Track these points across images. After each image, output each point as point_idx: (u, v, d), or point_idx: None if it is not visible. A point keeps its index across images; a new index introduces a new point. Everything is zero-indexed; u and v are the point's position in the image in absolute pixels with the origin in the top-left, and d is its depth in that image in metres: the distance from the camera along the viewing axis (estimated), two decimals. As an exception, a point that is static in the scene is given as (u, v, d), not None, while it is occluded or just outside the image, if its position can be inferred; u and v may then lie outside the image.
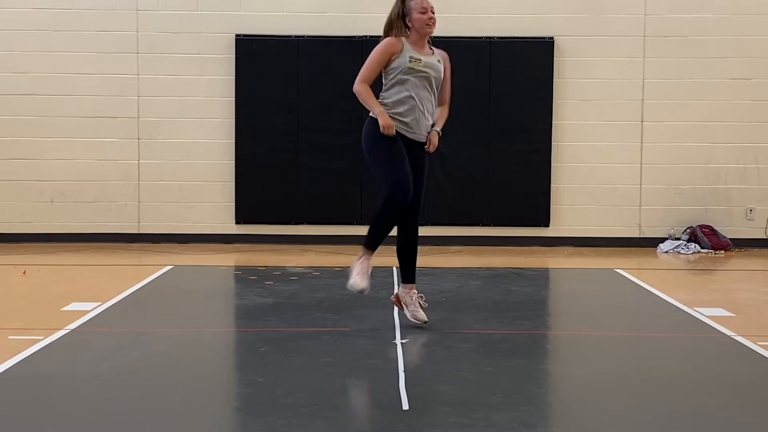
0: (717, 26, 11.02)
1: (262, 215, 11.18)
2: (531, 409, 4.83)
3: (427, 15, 6.45)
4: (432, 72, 6.40)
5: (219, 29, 11.03)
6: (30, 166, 11.06)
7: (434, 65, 6.43)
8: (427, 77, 6.38)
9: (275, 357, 5.76)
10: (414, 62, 6.32)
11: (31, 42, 10.96)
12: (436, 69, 6.43)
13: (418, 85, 6.35)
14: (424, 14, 6.43)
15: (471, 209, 11.14)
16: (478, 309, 7.30)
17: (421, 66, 6.34)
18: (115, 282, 8.41)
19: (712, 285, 9.16)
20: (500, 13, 11.05)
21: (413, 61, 6.33)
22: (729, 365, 5.85)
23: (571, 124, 11.12)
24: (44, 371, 5.46)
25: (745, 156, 11.12)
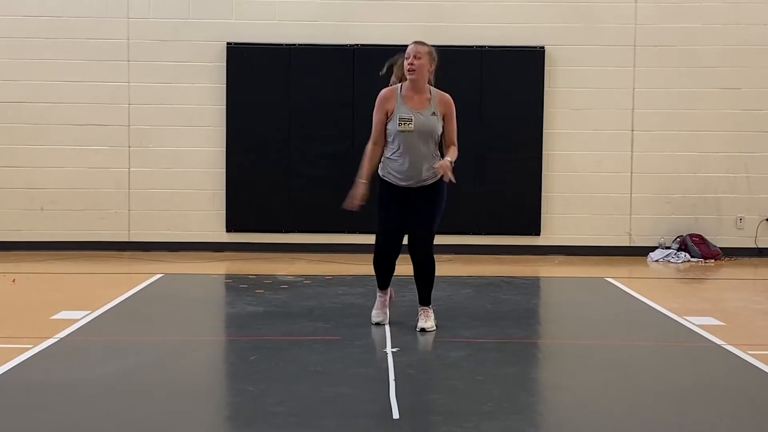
0: (707, 36, 11.07)
1: (252, 223, 11.17)
2: (522, 417, 4.83)
3: (408, 61, 6.50)
4: (423, 129, 6.52)
5: (210, 37, 11.03)
6: (20, 174, 11.03)
7: (425, 122, 6.52)
8: (421, 132, 6.52)
9: (266, 365, 5.75)
10: (404, 125, 6.50)
11: (22, 50, 10.94)
12: (428, 125, 6.53)
13: (410, 141, 6.53)
14: (407, 60, 6.51)
15: (462, 218, 11.14)
16: (468, 318, 7.30)
17: (411, 127, 6.49)
18: (105, 290, 8.39)
19: (702, 294, 9.18)
20: (491, 22, 11.08)
21: (402, 124, 6.50)
22: (718, 374, 5.86)
23: (561, 133, 11.14)
24: (33, 380, 5.44)
25: (735, 165, 11.16)
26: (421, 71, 6.50)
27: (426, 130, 6.53)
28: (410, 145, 6.53)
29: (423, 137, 6.54)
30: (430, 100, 6.57)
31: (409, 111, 6.52)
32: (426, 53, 6.54)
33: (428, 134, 6.55)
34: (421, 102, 6.55)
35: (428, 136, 6.56)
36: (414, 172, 6.56)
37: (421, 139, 6.53)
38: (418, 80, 6.53)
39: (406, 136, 6.51)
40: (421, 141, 6.54)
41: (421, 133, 6.53)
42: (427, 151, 6.58)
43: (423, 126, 6.51)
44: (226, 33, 11.02)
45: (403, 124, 6.48)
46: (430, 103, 6.57)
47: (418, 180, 6.59)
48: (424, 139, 6.54)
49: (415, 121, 6.49)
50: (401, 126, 6.48)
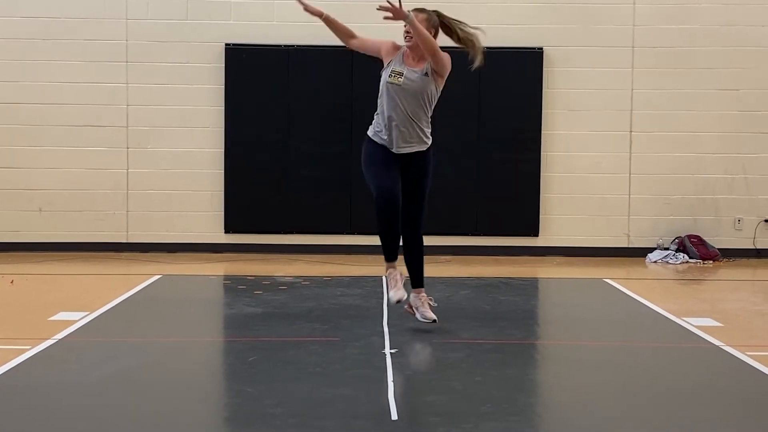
0: (705, 37, 11.07)
1: (251, 224, 11.17)
2: (520, 418, 4.83)
3: (405, 28, 6.51)
4: (412, 85, 6.46)
5: (209, 38, 11.02)
6: (18, 175, 11.02)
7: (415, 79, 6.48)
8: (406, 90, 6.46)
9: (264, 366, 5.75)
10: (393, 77, 6.49)
11: (20, 51, 10.93)
12: (417, 82, 6.48)
13: (394, 98, 6.48)
14: (404, 26, 6.51)
15: (460, 219, 11.14)
16: (467, 318, 7.29)
17: (399, 80, 6.46)
18: (104, 291, 8.38)
19: (701, 295, 9.18)
20: (490, 23, 11.02)
21: (392, 75, 6.49)
22: (717, 375, 5.86)
23: (560, 134, 11.14)
24: (32, 381, 5.44)
25: (734, 166, 11.16)
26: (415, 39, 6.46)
27: (414, 87, 6.46)
28: (396, 101, 6.46)
29: (411, 96, 6.47)
30: (427, 62, 6.53)
31: (403, 66, 6.52)
32: (424, 19, 6.54)
33: (416, 93, 6.47)
34: (418, 63, 6.55)
35: (416, 96, 6.48)
36: (403, 136, 6.47)
37: (408, 96, 6.46)
38: (414, 47, 6.50)
39: (394, 89, 6.47)
40: (409, 99, 6.47)
41: (409, 90, 6.46)
42: (415, 114, 6.48)
43: (412, 82, 6.47)
44: (224, 34, 11.02)
45: (393, 75, 6.47)
46: (425, 65, 6.53)
47: (407, 146, 6.49)
48: (411, 98, 6.47)
49: (405, 75, 6.47)
50: (391, 78, 6.47)
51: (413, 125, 6.52)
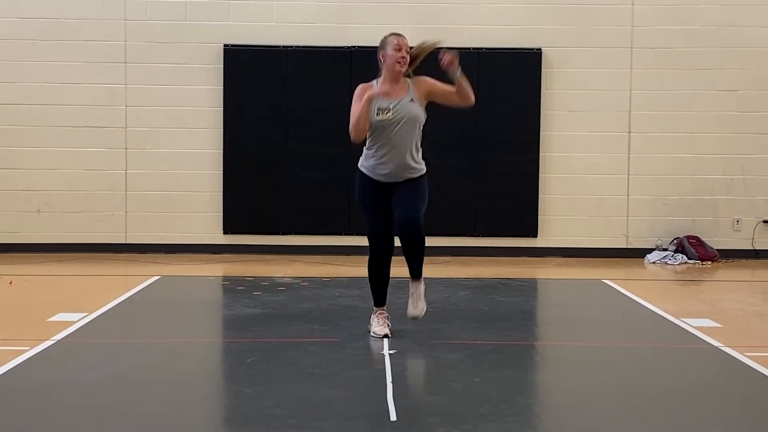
0: (704, 38, 11.08)
1: (250, 225, 11.17)
2: (519, 419, 4.83)
3: (399, 54, 6.36)
4: (402, 116, 6.35)
5: (207, 39, 11.02)
6: (17, 176, 11.01)
7: (403, 108, 6.36)
8: (400, 122, 6.36)
9: (263, 367, 5.75)
10: (382, 114, 6.33)
11: (19, 51, 10.93)
12: (408, 110, 6.37)
13: (389, 131, 6.35)
14: (397, 52, 6.36)
15: (459, 220, 11.15)
16: (466, 319, 7.30)
17: (389, 116, 6.33)
18: (102, 292, 8.38)
19: (699, 296, 9.19)
20: (488, 24, 11.08)
21: (380, 113, 6.34)
22: (715, 375, 5.87)
23: (558, 135, 11.14)
24: (30, 382, 5.43)
25: (732, 167, 11.17)
26: (406, 64, 6.40)
27: (405, 117, 6.36)
28: (389, 135, 6.35)
29: (402, 127, 6.36)
30: (408, 88, 6.45)
31: (387, 101, 6.37)
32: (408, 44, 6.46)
33: (408, 122, 6.37)
34: (398, 91, 6.42)
35: (408, 125, 6.38)
36: (395, 165, 6.38)
37: (400, 128, 6.36)
38: (398, 74, 6.40)
39: (385, 125, 6.35)
40: (401, 130, 6.36)
41: (400, 122, 6.36)
42: (409, 143, 6.38)
43: (401, 113, 6.35)
44: (223, 35, 11.02)
45: (380, 113, 6.33)
46: (408, 91, 6.44)
47: (400, 176, 6.41)
48: (404, 128, 6.37)
49: (393, 109, 6.34)
50: (379, 115, 6.32)
51: (409, 157, 6.41)
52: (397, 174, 6.42)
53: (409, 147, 6.40)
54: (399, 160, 6.38)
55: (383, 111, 6.34)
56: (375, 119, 6.34)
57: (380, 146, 6.39)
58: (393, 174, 6.42)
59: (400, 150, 6.37)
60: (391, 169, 6.40)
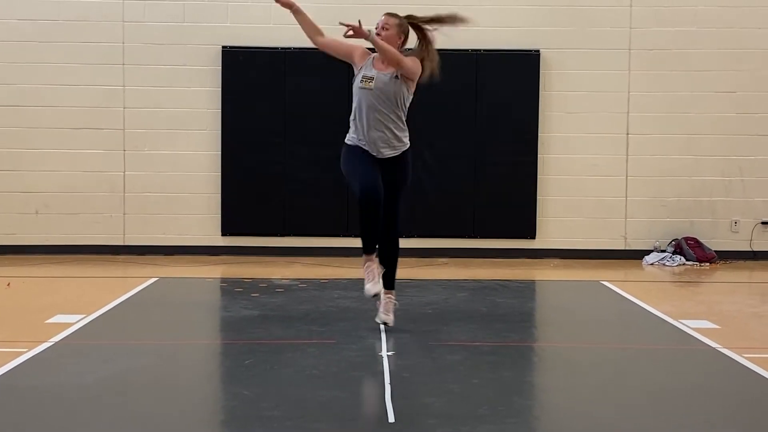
0: (702, 39, 11.09)
1: (248, 227, 11.17)
2: (517, 421, 4.83)
3: (376, 31, 6.62)
4: (383, 88, 6.54)
5: (205, 41, 11.02)
6: (15, 178, 11.01)
7: (385, 82, 6.55)
8: (378, 93, 6.53)
9: (261, 369, 5.75)
10: (365, 82, 6.58)
11: (17, 53, 10.93)
12: (388, 85, 6.55)
13: (368, 102, 6.56)
14: (375, 29, 6.64)
15: (457, 221, 11.15)
16: (464, 321, 7.30)
17: (370, 85, 6.55)
18: (100, 294, 8.37)
19: (697, 297, 9.19)
20: (487, 26, 11.07)
21: (364, 81, 6.58)
22: (714, 377, 5.87)
23: (557, 136, 11.15)
24: (28, 384, 5.43)
25: (730, 169, 11.18)
26: (387, 41, 6.57)
27: (386, 90, 6.54)
28: (369, 105, 6.55)
29: (383, 99, 6.54)
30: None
31: (373, 70, 6.60)
32: (395, 25, 6.65)
33: (389, 96, 6.55)
34: (388, 66, 6.60)
35: (389, 99, 6.55)
36: (375, 136, 6.54)
37: (380, 100, 6.54)
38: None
39: (365, 94, 6.56)
40: (381, 103, 6.54)
41: (381, 94, 6.54)
42: (389, 117, 6.56)
43: (383, 85, 6.54)
44: (221, 36, 11.02)
45: (364, 81, 6.57)
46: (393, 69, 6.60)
47: (381, 150, 6.57)
48: (384, 101, 6.54)
49: (375, 80, 6.55)
50: (362, 83, 6.56)
51: (388, 128, 6.59)
52: (378, 147, 6.58)
53: (386, 121, 6.58)
54: (378, 133, 6.56)
55: (367, 79, 6.58)
56: (358, 85, 6.60)
57: (359, 115, 6.60)
58: (374, 146, 6.58)
59: (377, 121, 6.55)
60: (369, 140, 6.57)
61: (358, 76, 6.64)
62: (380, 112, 6.56)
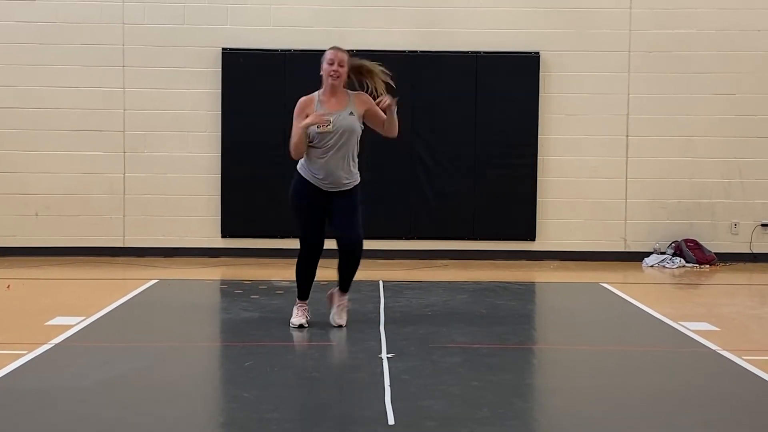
0: (702, 42, 11.09)
1: (248, 229, 11.17)
2: (517, 423, 4.83)
3: (332, 67, 6.71)
4: (341, 128, 6.66)
5: (205, 43, 11.02)
6: (15, 180, 11.01)
7: (342, 121, 6.67)
8: (338, 134, 6.65)
9: (261, 371, 5.75)
10: (322, 127, 6.64)
11: (16, 55, 10.93)
12: (347, 123, 6.68)
13: (327, 144, 6.67)
14: (330, 65, 6.72)
15: (457, 223, 11.15)
16: (464, 323, 7.30)
17: (329, 129, 6.64)
18: (100, 296, 8.37)
19: (697, 299, 9.19)
20: (486, 27, 11.09)
21: (320, 126, 6.64)
22: (713, 379, 5.87)
23: (556, 138, 11.15)
24: (28, 386, 5.43)
25: (730, 170, 11.18)
26: (342, 78, 6.74)
27: (344, 128, 6.66)
28: (328, 146, 6.68)
29: (341, 138, 6.67)
30: (347, 101, 6.76)
31: (327, 113, 6.69)
32: (347, 61, 6.78)
33: (346, 133, 6.68)
34: (339, 103, 6.74)
35: (347, 136, 6.69)
36: (333, 175, 6.70)
37: (339, 139, 6.67)
38: (339, 86, 6.75)
39: (324, 137, 6.65)
40: (340, 142, 6.67)
41: (339, 134, 6.66)
42: (346, 154, 6.71)
43: (341, 125, 6.66)
44: (221, 38, 11.02)
45: (320, 126, 6.63)
46: (347, 105, 6.75)
47: (337, 184, 6.74)
48: (342, 140, 6.68)
49: (335, 121, 6.65)
50: (319, 128, 6.63)
51: (347, 164, 6.75)
52: (334, 182, 6.76)
53: (346, 158, 6.74)
54: (336, 170, 6.72)
55: (323, 124, 6.65)
56: (315, 131, 6.67)
57: (319, 156, 6.71)
58: (330, 182, 6.74)
59: (338, 160, 6.71)
60: (329, 178, 6.74)
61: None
62: (341, 150, 6.69)
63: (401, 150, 10.70)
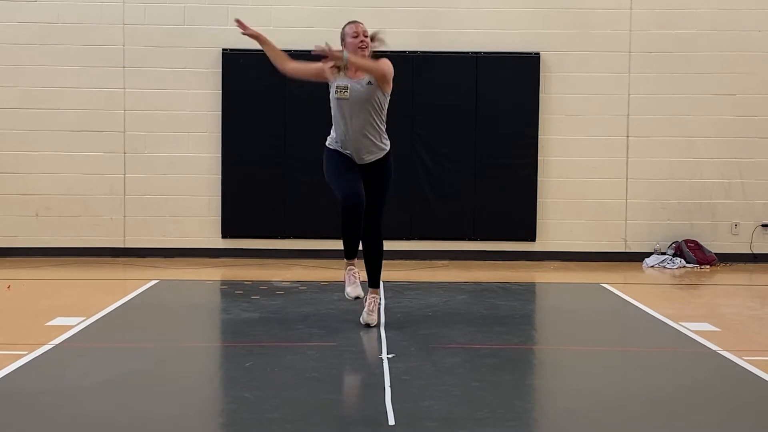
0: (702, 42, 11.09)
1: (248, 229, 11.17)
2: (517, 424, 4.83)
3: (358, 39, 6.74)
4: (359, 96, 6.66)
5: (206, 43, 11.03)
6: (15, 180, 11.02)
7: (360, 89, 6.67)
8: (354, 102, 6.66)
9: (261, 372, 5.75)
10: (340, 92, 6.68)
11: (17, 56, 10.94)
12: (363, 93, 6.67)
13: (345, 112, 6.69)
14: (355, 38, 6.75)
15: (457, 224, 11.15)
16: (464, 323, 7.29)
17: (346, 95, 6.66)
18: (101, 297, 8.37)
19: (698, 300, 9.19)
20: (487, 28, 11.10)
21: (339, 91, 6.69)
22: (714, 380, 5.87)
23: (557, 139, 11.16)
24: (28, 386, 5.43)
25: (730, 171, 11.18)
26: (369, 48, 6.75)
27: (362, 97, 6.66)
28: (348, 114, 6.68)
29: (360, 106, 6.67)
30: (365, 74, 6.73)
31: (346, 80, 6.71)
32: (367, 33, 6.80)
33: (365, 103, 6.67)
34: (359, 74, 6.74)
35: (366, 105, 6.67)
36: (355, 144, 6.69)
37: (357, 108, 6.67)
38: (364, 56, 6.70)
39: (343, 104, 6.68)
40: (359, 110, 6.67)
41: (357, 102, 6.66)
42: (367, 123, 6.69)
43: (358, 93, 6.66)
44: (221, 39, 11.03)
45: (339, 91, 6.68)
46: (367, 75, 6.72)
47: (362, 156, 6.72)
48: (361, 109, 6.67)
49: (351, 89, 6.67)
50: (338, 93, 6.67)
51: (368, 134, 6.72)
52: (359, 153, 6.73)
53: (366, 127, 6.71)
54: (358, 140, 6.70)
55: (342, 89, 6.69)
56: (334, 96, 6.72)
57: (339, 125, 6.74)
58: (354, 152, 6.72)
59: (357, 129, 6.69)
60: (352, 148, 6.72)
61: (332, 87, 6.75)
62: (359, 121, 6.68)
63: (401, 150, 10.68)
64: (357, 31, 6.75)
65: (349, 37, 6.75)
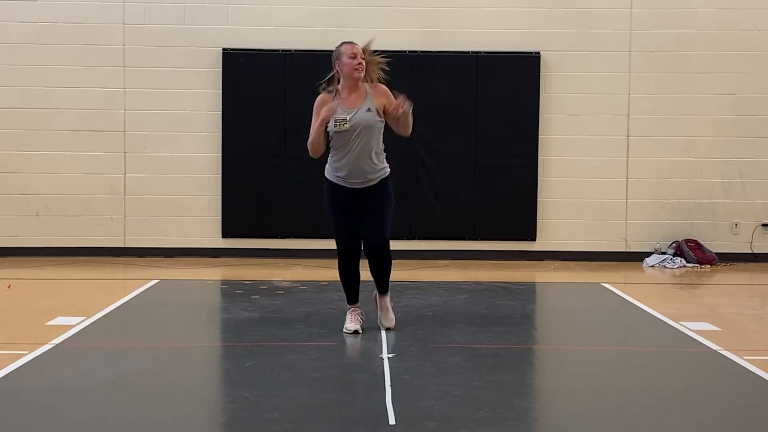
0: (702, 42, 11.09)
1: (248, 229, 11.17)
2: (517, 423, 4.83)
3: (356, 61, 6.59)
4: (359, 126, 6.55)
5: (206, 43, 11.03)
6: (16, 180, 11.02)
7: (361, 118, 6.57)
8: (357, 132, 6.56)
9: (261, 372, 5.75)
10: (339, 126, 6.55)
11: (17, 56, 10.94)
12: (365, 120, 6.57)
13: (347, 143, 6.59)
14: (353, 59, 6.60)
15: (458, 223, 11.15)
16: (464, 323, 7.29)
17: (346, 127, 6.54)
18: (101, 296, 8.37)
19: (698, 299, 9.19)
20: (487, 28, 11.09)
21: (338, 124, 6.55)
22: (714, 379, 5.87)
23: (557, 138, 11.15)
24: (29, 386, 5.43)
25: (731, 170, 11.18)
26: (365, 70, 6.63)
27: (361, 126, 6.57)
28: (348, 144, 6.59)
29: (360, 135, 6.57)
30: (365, 97, 6.64)
31: (344, 111, 6.59)
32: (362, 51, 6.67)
33: (365, 131, 6.58)
34: (356, 101, 6.64)
35: (366, 134, 6.58)
36: (356, 172, 6.61)
37: (358, 137, 6.57)
38: (356, 83, 6.63)
39: (343, 136, 6.58)
40: (359, 139, 6.57)
41: (358, 131, 6.57)
42: (368, 148, 6.59)
43: (358, 123, 6.56)
44: (221, 39, 11.03)
45: (338, 124, 6.56)
46: (365, 100, 6.63)
47: (362, 180, 6.65)
48: (362, 137, 6.58)
49: (350, 120, 6.55)
50: (336, 126, 6.56)
51: (369, 161, 6.63)
52: (359, 179, 6.66)
53: (368, 154, 6.63)
54: (359, 167, 6.62)
55: (340, 122, 6.57)
56: (333, 130, 6.59)
57: (340, 154, 6.65)
58: (355, 179, 6.65)
59: (359, 157, 6.60)
60: (353, 175, 6.64)
61: (331, 121, 6.59)
62: (359, 147, 6.59)
63: (401, 150, 10.68)
64: (355, 53, 6.60)
65: (346, 57, 6.60)
